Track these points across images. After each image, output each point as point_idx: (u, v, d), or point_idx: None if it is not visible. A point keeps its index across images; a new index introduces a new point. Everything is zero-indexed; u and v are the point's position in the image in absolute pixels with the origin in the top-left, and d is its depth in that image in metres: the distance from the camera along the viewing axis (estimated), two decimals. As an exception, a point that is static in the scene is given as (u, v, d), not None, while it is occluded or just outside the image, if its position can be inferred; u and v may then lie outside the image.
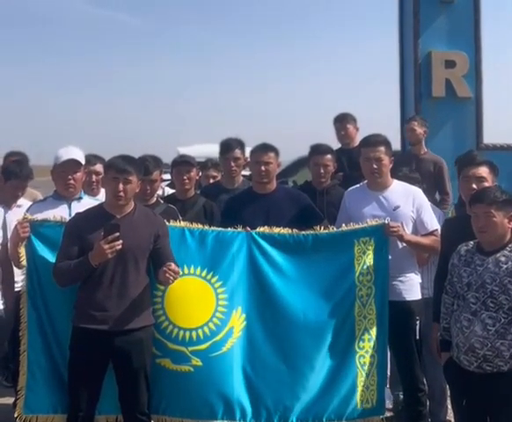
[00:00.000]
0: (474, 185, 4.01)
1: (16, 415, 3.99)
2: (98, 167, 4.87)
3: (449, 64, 7.66)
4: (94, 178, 4.89)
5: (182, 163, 5.00)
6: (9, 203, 4.83)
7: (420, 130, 6.32)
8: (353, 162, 5.45)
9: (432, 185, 5.34)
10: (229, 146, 5.25)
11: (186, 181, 4.91)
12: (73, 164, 4.34)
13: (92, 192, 4.83)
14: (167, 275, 3.69)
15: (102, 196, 4.59)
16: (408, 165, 5.54)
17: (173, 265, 3.73)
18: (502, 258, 3.44)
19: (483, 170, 4.08)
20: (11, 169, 4.90)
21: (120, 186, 3.76)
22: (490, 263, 3.46)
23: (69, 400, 3.85)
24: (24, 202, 4.79)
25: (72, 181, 4.33)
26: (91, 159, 4.85)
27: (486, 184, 4.01)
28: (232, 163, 5.20)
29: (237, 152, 5.23)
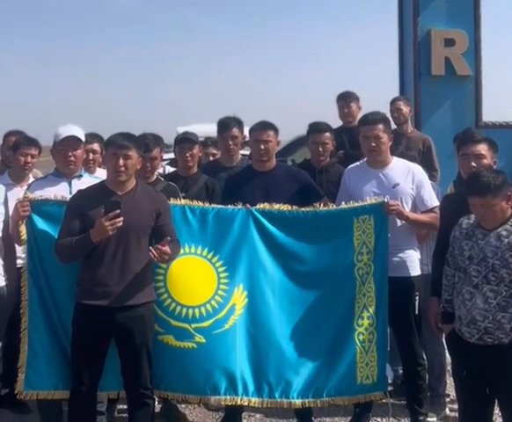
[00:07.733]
0: (473, 163, 3.99)
1: (16, 392, 4.00)
2: (96, 146, 4.85)
3: (449, 42, 7.61)
4: (91, 156, 4.85)
5: (185, 141, 4.97)
6: (21, 177, 4.79)
7: (406, 109, 6.29)
8: (354, 140, 5.44)
9: (421, 163, 5.39)
10: (226, 125, 5.22)
11: (189, 158, 4.90)
12: (73, 141, 4.32)
13: (89, 170, 4.78)
14: (151, 254, 3.66)
15: (99, 175, 4.58)
16: (399, 144, 5.54)
17: (161, 246, 3.67)
18: (504, 232, 3.45)
19: (482, 148, 4.05)
20: (20, 140, 4.88)
21: (121, 162, 3.76)
22: (491, 237, 3.47)
23: (71, 375, 3.87)
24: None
25: (72, 158, 4.31)
26: (88, 138, 4.83)
27: (485, 161, 3.99)
28: (230, 142, 5.16)
29: (235, 131, 5.20)
